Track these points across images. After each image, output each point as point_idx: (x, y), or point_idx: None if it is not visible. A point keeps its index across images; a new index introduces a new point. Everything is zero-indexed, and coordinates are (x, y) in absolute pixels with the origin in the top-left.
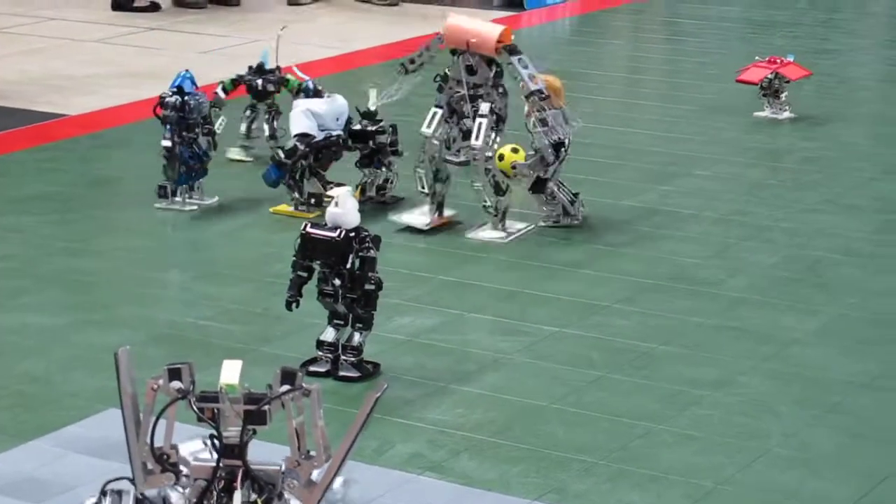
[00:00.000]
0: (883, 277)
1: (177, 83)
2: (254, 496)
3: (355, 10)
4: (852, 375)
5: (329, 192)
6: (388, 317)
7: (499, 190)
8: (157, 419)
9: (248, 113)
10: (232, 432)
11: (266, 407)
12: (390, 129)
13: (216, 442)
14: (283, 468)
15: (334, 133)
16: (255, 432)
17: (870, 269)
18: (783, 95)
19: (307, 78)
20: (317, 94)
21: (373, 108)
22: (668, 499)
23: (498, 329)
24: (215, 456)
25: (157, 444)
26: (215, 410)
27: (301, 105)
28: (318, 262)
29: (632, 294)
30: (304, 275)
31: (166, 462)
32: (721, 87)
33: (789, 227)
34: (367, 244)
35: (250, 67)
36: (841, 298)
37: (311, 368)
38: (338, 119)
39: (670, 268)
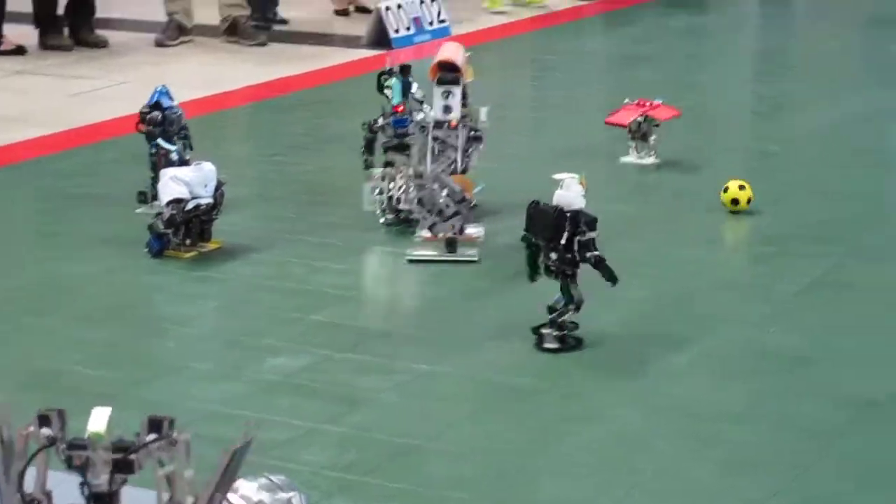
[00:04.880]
0: (752, 308)
1: (154, 99)
2: None
3: (223, 50)
4: (724, 407)
5: (556, 176)
6: (258, 357)
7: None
8: (26, 466)
9: None
10: (102, 480)
11: (133, 456)
12: None
13: (87, 490)
14: None
15: (203, 201)
16: (125, 480)
17: (739, 300)
18: (651, 139)
19: (173, 147)
20: (184, 162)
21: None
22: None
23: (370, 368)
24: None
25: (29, 490)
26: (85, 458)
27: (168, 173)
28: (539, 237)
29: (502, 331)
30: (532, 250)
31: None
32: (586, 127)
33: (658, 260)
34: (580, 227)
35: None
36: (710, 330)
37: (544, 345)
38: (206, 186)
39: (543, 304)
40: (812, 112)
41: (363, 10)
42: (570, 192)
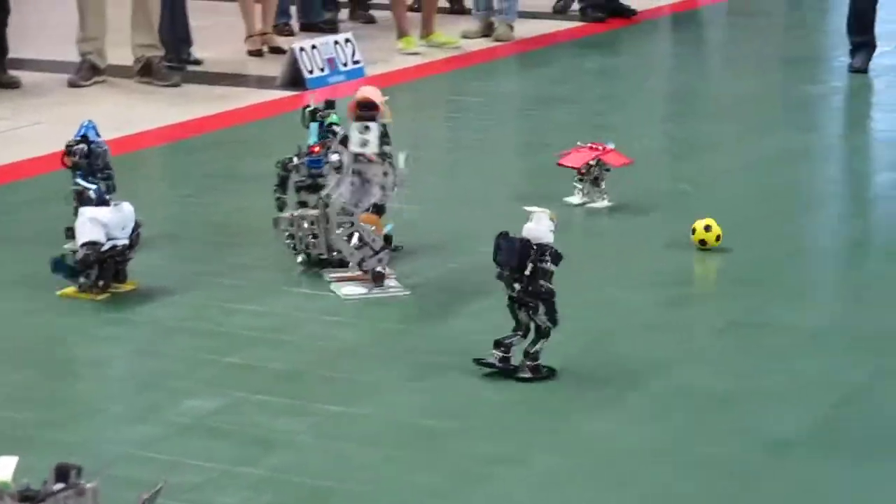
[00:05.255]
0: (672, 348)
1: (81, 133)
2: None
3: (137, 91)
4: (643, 446)
5: (528, 208)
6: (173, 399)
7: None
8: None
9: None
10: None
11: None
12: None
13: None
14: None
15: (120, 242)
16: None
17: (658, 340)
18: (602, 184)
19: (92, 186)
20: (103, 202)
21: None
22: None
23: (285, 410)
24: None
25: None
26: None
27: (87, 213)
28: (504, 267)
29: (419, 372)
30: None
31: None
32: (502, 168)
33: (579, 300)
34: (545, 257)
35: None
36: (630, 369)
37: (484, 360)
38: (123, 228)
39: (459, 345)
40: (726, 153)
41: (277, 50)
42: (539, 226)
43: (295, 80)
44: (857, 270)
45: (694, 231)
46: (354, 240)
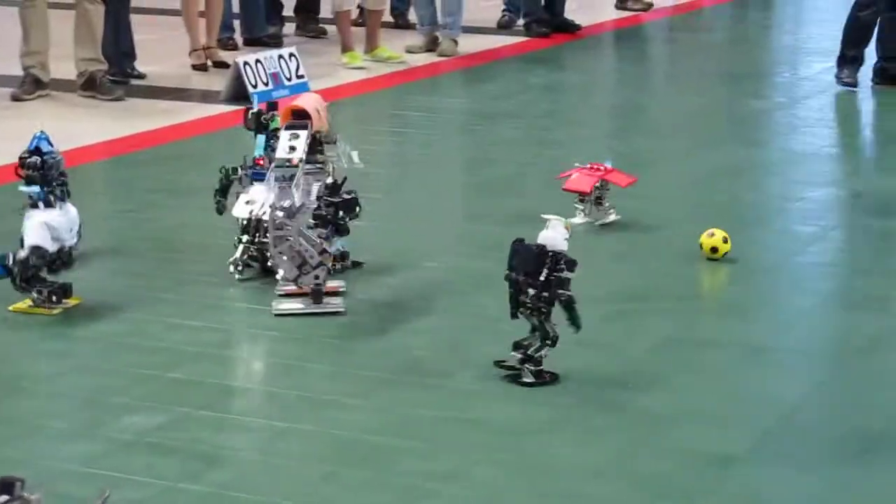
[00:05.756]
0: (609, 364)
1: (34, 144)
2: None
3: (80, 105)
4: (583, 464)
5: (544, 216)
6: (115, 415)
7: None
8: None
9: None
10: None
11: None
12: None
13: None
14: None
15: (67, 244)
16: None
17: (595, 356)
18: (605, 201)
19: (38, 190)
20: (49, 204)
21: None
22: None
23: (229, 426)
24: None
25: None
26: None
27: (37, 216)
28: (518, 271)
29: (362, 388)
30: (515, 289)
31: None
32: (446, 183)
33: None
34: (560, 266)
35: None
36: (567, 385)
37: (504, 363)
38: (71, 230)
39: (403, 361)
40: (671, 168)
41: (221, 64)
42: (555, 233)
43: (239, 94)
44: (799, 286)
45: (724, 243)
46: (291, 253)
